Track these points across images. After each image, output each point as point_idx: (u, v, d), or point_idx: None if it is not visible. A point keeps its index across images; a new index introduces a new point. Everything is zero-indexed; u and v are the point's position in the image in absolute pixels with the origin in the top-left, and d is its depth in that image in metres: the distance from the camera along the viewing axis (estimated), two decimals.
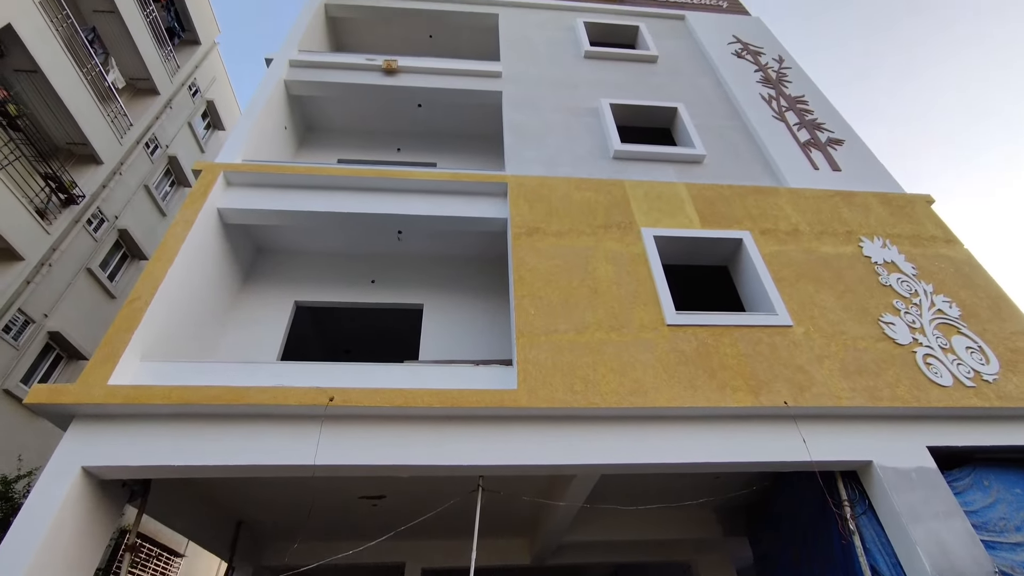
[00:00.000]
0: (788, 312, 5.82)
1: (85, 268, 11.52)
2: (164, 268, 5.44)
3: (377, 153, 9.45)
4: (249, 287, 7.21)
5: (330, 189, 6.72)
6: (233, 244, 6.88)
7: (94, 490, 4.36)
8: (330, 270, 7.43)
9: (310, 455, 4.39)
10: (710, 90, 9.38)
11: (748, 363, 5.33)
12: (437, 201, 6.71)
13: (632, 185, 7.00)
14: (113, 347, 4.80)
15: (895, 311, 5.97)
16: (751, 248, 6.43)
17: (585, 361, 5.07)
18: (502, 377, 5.03)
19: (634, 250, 6.18)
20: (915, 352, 5.63)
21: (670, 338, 5.42)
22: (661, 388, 4.98)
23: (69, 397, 4.40)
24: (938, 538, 4.57)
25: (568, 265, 5.89)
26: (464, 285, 7.29)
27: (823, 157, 7.97)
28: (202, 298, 6.20)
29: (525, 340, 5.16)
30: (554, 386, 4.83)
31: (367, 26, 11.21)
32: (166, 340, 5.44)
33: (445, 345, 6.63)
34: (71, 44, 11.20)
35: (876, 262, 6.44)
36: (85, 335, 11.11)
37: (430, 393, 4.65)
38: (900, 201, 7.30)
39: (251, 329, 6.73)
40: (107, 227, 12.25)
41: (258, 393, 4.56)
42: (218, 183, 6.48)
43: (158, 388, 4.56)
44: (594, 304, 5.56)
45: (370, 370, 5.04)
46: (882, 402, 5.17)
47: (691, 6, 11.85)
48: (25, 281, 10.01)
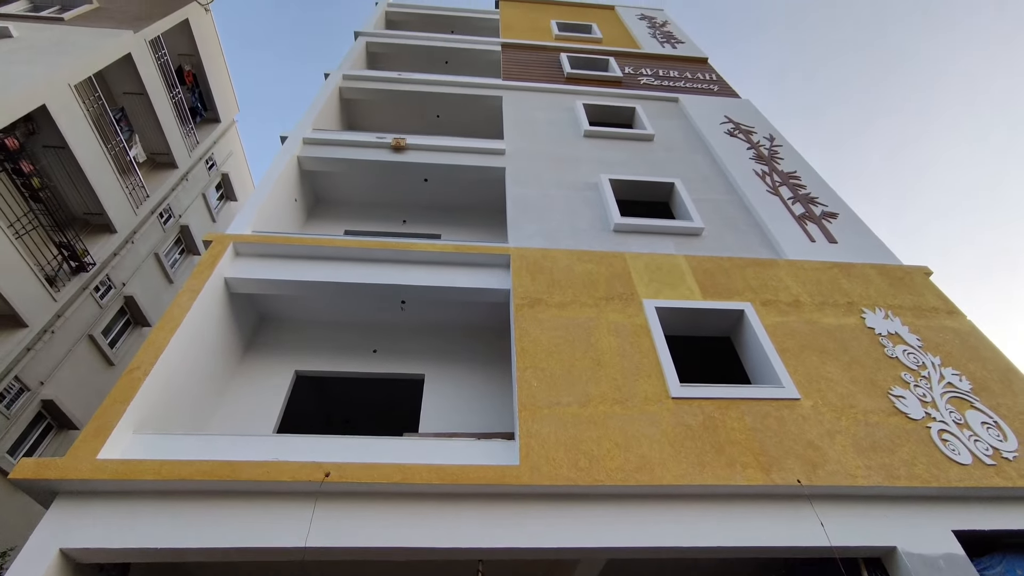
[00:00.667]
0: (795, 384, 5.72)
1: (87, 335, 11.53)
2: (167, 337, 5.44)
3: (383, 224, 9.73)
4: (250, 356, 7.18)
5: (336, 260, 6.86)
6: (237, 313, 6.92)
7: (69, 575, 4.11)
8: (332, 339, 7.43)
9: (301, 536, 4.17)
10: (705, 166, 9.78)
11: (757, 438, 5.18)
12: (441, 272, 6.82)
13: (633, 257, 7.14)
14: (106, 419, 4.70)
15: (904, 384, 5.87)
16: (753, 319, 6.44)
17: (589, 435, 4.93)
18: (504, 452, 4.88)
19: (636, 321, 6.19)
20: (929, 427, 5.47)
21: (675, 411, 5.30)
22: (668, 464, 4.81)
23: (56, 472, 4.26)
24: None
25: (570, 337, 5.88)
26: (466, 356, 7.25)
27: (819, 230, 8.16)
28: (202, 367, 6.15)
29: (527, 413, 5.05)
30: (557, 462, 4.67)
31: (378, 107, 11.92)
32: (163, 410, 5.34)
33: (446, 416, 6.49)
34: (99, 123, 11.89)
35: (880, 333, 6.41)
36: (79, 403, 10.93)
37: (429, 469, 4.48)
38: (898, 273, 7.39)
39: (249, 399, 6.63)
40: (114, 294, 12.40)
41: (252, 468, 4.41)
42: (227, 253, 6.63)
43: (149, 463, 4.42)
44: (597, 376, 5.49)
45: (368, 444, 4.90)
46: (900, 481, 4.96)
47: (684, 89, 12.63)
48: (26, 348, 9.99)
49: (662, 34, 16.22)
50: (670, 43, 15.55)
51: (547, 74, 12.72)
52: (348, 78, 11.51)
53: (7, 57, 10.64)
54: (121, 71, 12.88)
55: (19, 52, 10.88)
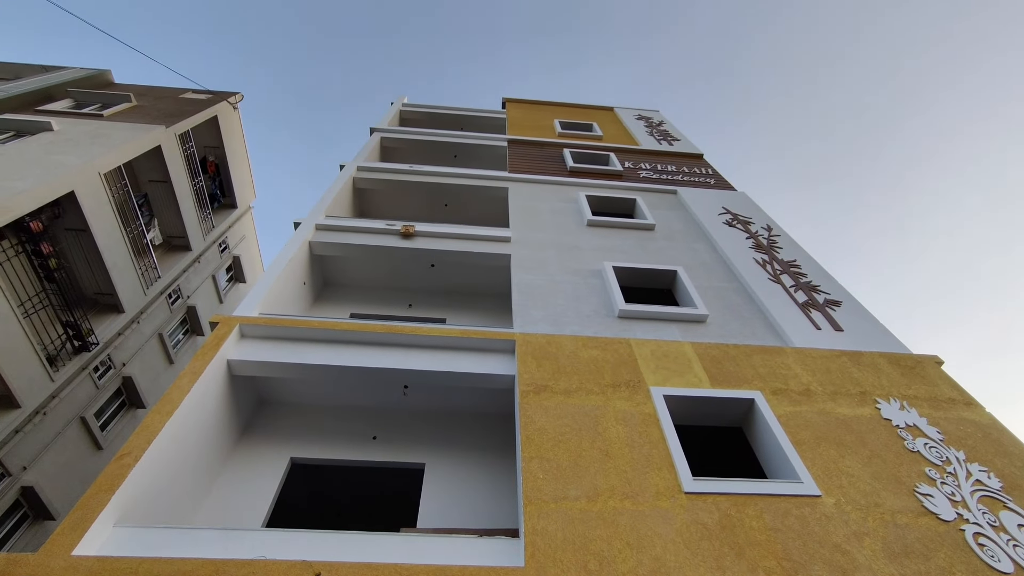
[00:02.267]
0: (813, 479, 5.44)
1: (79, 416, 11.24)
2: (163, 420, 5.29)
3: (389, 308, 9.82)
4: (245, 441, 6.93)
5: (341, 343, 6.84)
6: (236, 396, 6.79)
7: None
8: (331, 424, 7.21)
9: None
10: (706, 254, 10.02)
11: (779, 539, 4.83)
12: (445, 357, 6.76)
13: (638, 344, 7.10)
14: (87, 510, 4.45)
15: (930, 481, 5.57)
16: (764, 409, 6.26)
17: (599, 534, 4.61)
18: (508, 552, 4.53)
19: (645, 410, 6.02)
20: (963, 530, 5.11)
21: (689, 508, 5.00)
22: (684, 569, 4.44)
23: (26, 570, 3.95)
24: None
25: (577, 425, 5.70)
26: (469, 444, 6.99)
27: (823, 317, 8.18)
28: (195, 453, 5.92)
29: (533, 508, 4.76)
30: (565, 564, 4.33)
31: (389, 196, 12.49)
32: (150, 498, 5.06)
33: (446, 508, 6.11)
34: (122, 208, 12.44)
35: (898, 425, 6.20)
36: (60, 491, 10.40)
37: (428, 570, 4.14)
38: (909, 362, 7.29)
39: (241, 487, 6.30)
40: (112, 374, 12.25)
41: (237, 568, 4.09)
42: (232, 335, 6.63)
43: (127, 560, 4.10)
44: (606, 468, 5.24)
45: (363, 541, 4.57)
46: None
47: (682, 183, 13.26)
48: (14, 431, 9.70)
49: (659, 132, 17.34)
50: (667, 140, 16.58)
51: (551, 167, 13.44)
52: (362, 169, 12.18)
53: (45, 148, 11.37)
54: (149, 161, 13.70)
55: (57, 144, 11.65)
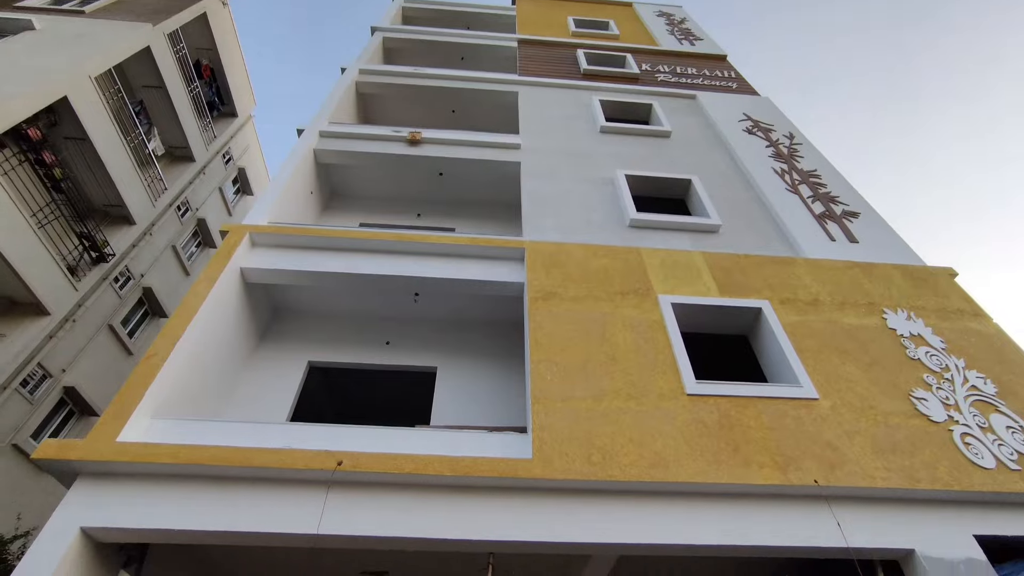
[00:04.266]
0: (813, 384, 5.62)
1: (107, 324, 11.73)
2: (184, 325, 5.50)
3: (398, 218, 9.75)
4: (264, 346, 7.24)
5: (351, 251, 6.88)
6: (252, 303, 6.98)
7: (90, 553, 4.18)
8: (345, 331, 7.46)
9: (313, 523, 4.19)
10: (723, 164, 9.66)
11: (774, 437, 5.10)
12: (455, 265, 6.81)
13: (648, 253, 7.06)
14: (125, 404, 4.77)
15: (927, 386, 5.74)
16: (771, 317, 6.34)
17: (603, 430, 4.89)
18: (516, 445, 4.85)
19: (652, 317, 6.12)
20: (952, 430, 5.34)
21: (691, 408, 5.24)
22: (683, 462, 4.75)
23: (77, 453, 4.32)
24: None
25: (585, 331, 5.84)
26: (479, 349, 7.24)
27: (839, 228, 8.01)
28: (217, 356, 6.21)
29: (541, 406, 5.02)
30: (571, 456, 4.64)
31: (393, 102, 11.94)
32: (179, 397, 5.40)
33: (458, 410, 6.48)
34: (119, 115, 12.08)
35: (902, 335, 6.28)
36: (99, 391, 11.13)
37: (441, 460, 4.48)
38: (922, 274, 7.23)
39: (263, 388, 6.68)
40: (132, 285, 12.59)
41: (265, 455, 4.44)
42: (243, 244, 6.68)
43: (166, 447, 4.47)
44: (612, 371, 5.44)
45: (380, 434, 4.91)
46: (920, 484, 4.85)
47: (702, 87, 12.48)
48: (48, 336, 10.19)
49: (680, 31, 16.05)
50: (688, 40, 15.38)
51: (564, 70, 12.64)
52: (364, 72, 11.55)
53: (30, 50, 10.84)
54: (140, 64, 13.06)
55: (41, 45, 11.08)
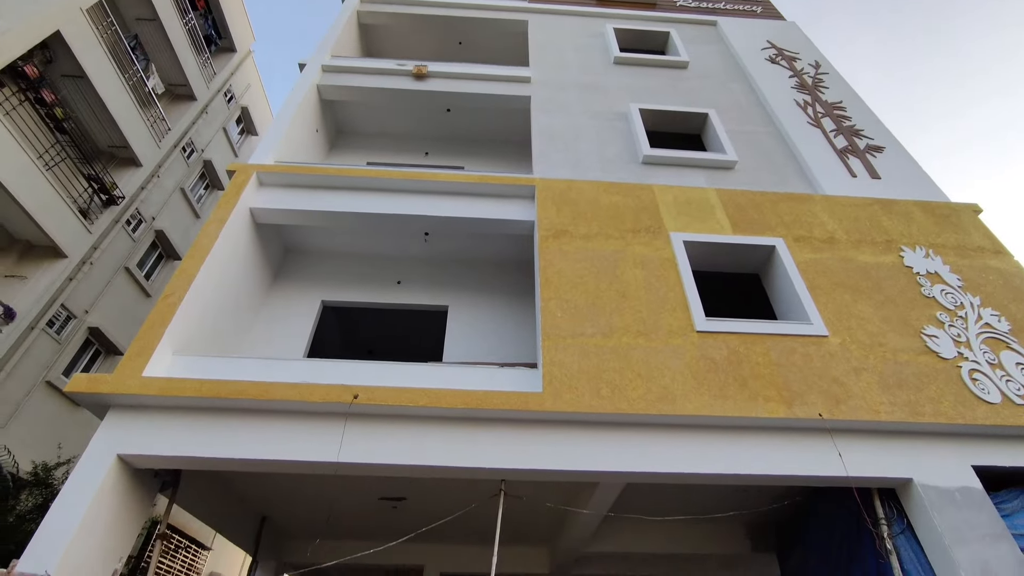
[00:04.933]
0: (823, 322, 5.62)
1: (123, 267, 11.92)
2: (197, 265, 5.56)
3: (405, 157, 9.55)
4: (278, 286, 7.34)
5: (359, 190, 6.81)
6: (263, 244, 7.01)
7: (128, 478, 4.46)
8: (357, 271, 7.51)
9: (333, 452, 4.41)
10: (742, 96, 9.21)
11: (781, 373, 5.17)
12: (464, 203, 6.72)
13: (661, 190, 6.90)
14: (147, 341, 4.92)
15: (939, 324, 5.72)
16: (784, 255, 6.25)
17: (612, 366, 4.98)
18: (527, 380, 4.98)
19: (663, 255, 6.07)
20: (960, 367, 5.37)
21: (700, 345, 5.29)
22: (690, 396, 4.86)
23: (106, 387, 4.52)
24: (983, 561, 4.32)
25: (596, 268, 5.82)
26: (490, 288, 7.28)
27: (861, 164, 7.72)
28: (232, 296, 6.32)
29: (551, 343, 5.10)
30: (580, 390, 4.76)
31: (398, 34, 11.38)
32: (198, 336, 5.55)
33: (469, 348, 6.61)
34: (115, 51, 11.67)
35: (918, 273, 6.18)
36: (122, 331, 11.48)
37: (454, 394, 4.62)
38: (944, 210, 7.01)
39: (278, 327, 6.84)
40: (144, 228, 12.67)
41: (284, 389, 4.61)
42: (251, 184, 6.62)
43: (190, 381, 4.65)
44: (622, 308, 5.47)
45: (395, 369, 5.05)
46: (924, 418, 4.94)
47: (723, 11, 11.70)
48: (68, 278, 10.40)
49: None
50: None
51: None
52: (367, 1, 10.95)
53: None
54: None
55: None
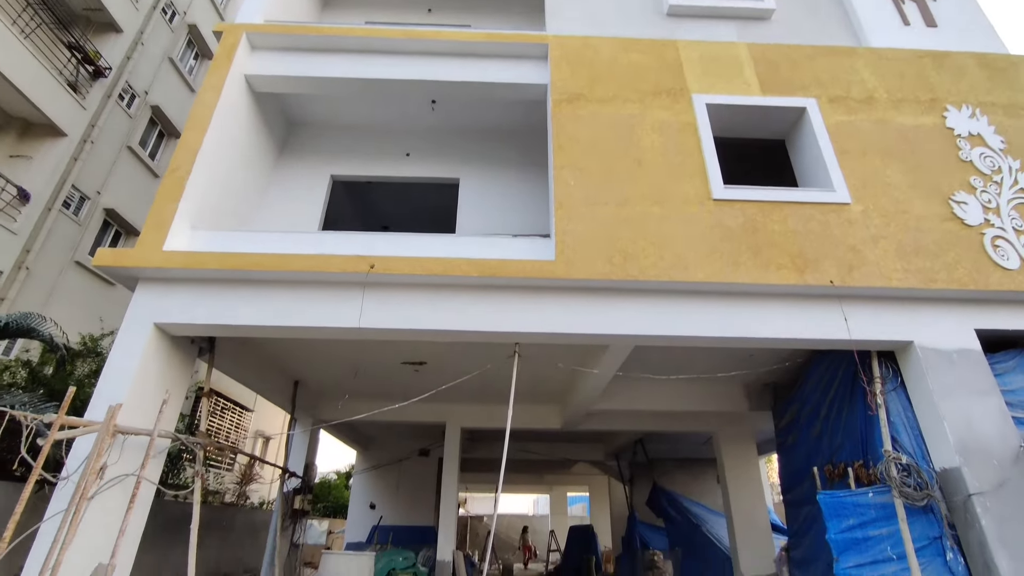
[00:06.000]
0: (848, 189, 5.42)
1: (126, 146, 11.65)
2: (199, 136, 5.38)
3: (406, 15, 8.67)
4: (285, 161, 7.16)
5: (359, 52, 6.29)
6: (265, 115, 6.70)
7: (167, 345, 4.78)
8: (364, 143, 7.24)
9: (355, 318, 4.61)
10: None
11: (796, 241, 5.11)
12: (472, 65, 6.22)
13: (686, 46, 6.28)
14: (163, 215, 4.94)
15: (971, 189, 5.48)
16: (815, 118, 5.84)
17: (625, 234, 4.95)
18: (540, 249, 5.00)
19: (684, 119, 5.71)
20: (984, 234, 5.24)
21: (715, 213, 5.19)
22: (702, 263, 4.88)
23: (131, 260, 4.65)
24: (967, 414, 4.61)
25: (612, 134, 5.53)
26: (501, 158, 7.02)
27: (917, 9, 6.86)
28: (240, 170, 6.21)
29: (564, 212, 5.03)
30: (592, 258, 4.79)
31: None
32: (210, 211, 5.55)
33: (482, 220, 6.56)
34: None
35: (959, 134, 5.78)
36: (138, 213, 11.57)
37: (468, 263, 4.69)
38: (1002, 63, 6.35)
39: (290, 203, 6.80)
40: (139, 103, 12.14)
41: (302, 261, 4.70)
42: (242, 46, 6.14)
43: (210, 254, 4.75)
44: (637, 176, 5.29)
45: (410, 240, 5.08)
46: (936, 284, 4.95)
47: None
48: (73, 158, 10.24)
49: None
50: None
51: None
52: None
53: None
54: None
55: None
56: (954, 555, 4.27)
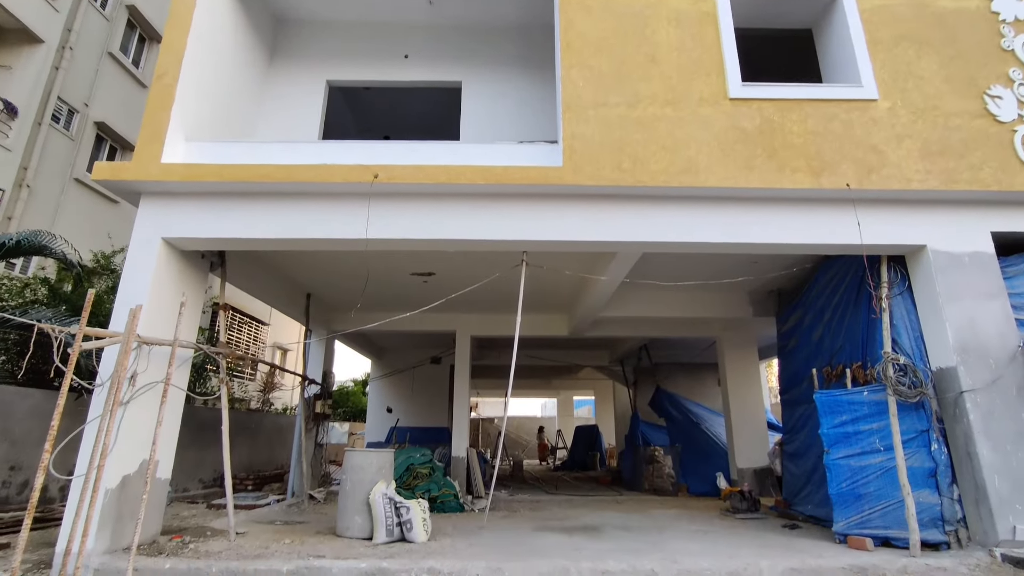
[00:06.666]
0: (876, 83, 5.08)
1: (107, 52, 11.01)
2: (182, 36, 5.05)
3: None
4: (278, 66, 6.75)
5: None
6: (248, 13, 6.21)
7: (178, 259, 4.82)
8: (360, 44, 6.77)
9: (361, 229, 4.59)
10: None
11: (815, 142, 4.89)
12: None
13: None
14: (156, 126, 4.77)
15: (1008, 82, 5.12)
16: (847, 1, 5.34)
17: (636, 138, 4.75)
18: (547, 154, 4.84)
19: (702, 7, 5.24)
20: (1016, 131, 4.98)
21: (731, 114, 4.92)
22: (714, 168, 4.72)
23: (129, 173, 4.57)
24: (971, 316, 4.67)
25: (623, 28, 5.12)
26: (506, 59, 6.57)
27: None
28: (231, 76, 5.88)
29: (572, 115, 4.80)
30: (601, 163, 4.64)
31: None
32: (204, 121, 5.34)
33: (486, 126, 6.29)
34: None
35: (1005, 20, 5.30)
36: (130, 126, 11.20)
37: (473, 170, 4.56)
38: None
39: (286, 113, 6.52)
40: (114, 3, 11.29)
41: (304, 171, 4.60)
42: None
43: (209, 166, 4.65)
44: (650, 74, 4.96)
45: (413, 148, 4.92)
46: (958, 185, 4.79)
47: None
48: (54, 67, 9.74)
49: None
50: None
51: None
52: None
53: None
54: None
55: None
56: (939, 446, 4.53)
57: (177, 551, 4.07)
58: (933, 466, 4.49)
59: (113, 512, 3.97)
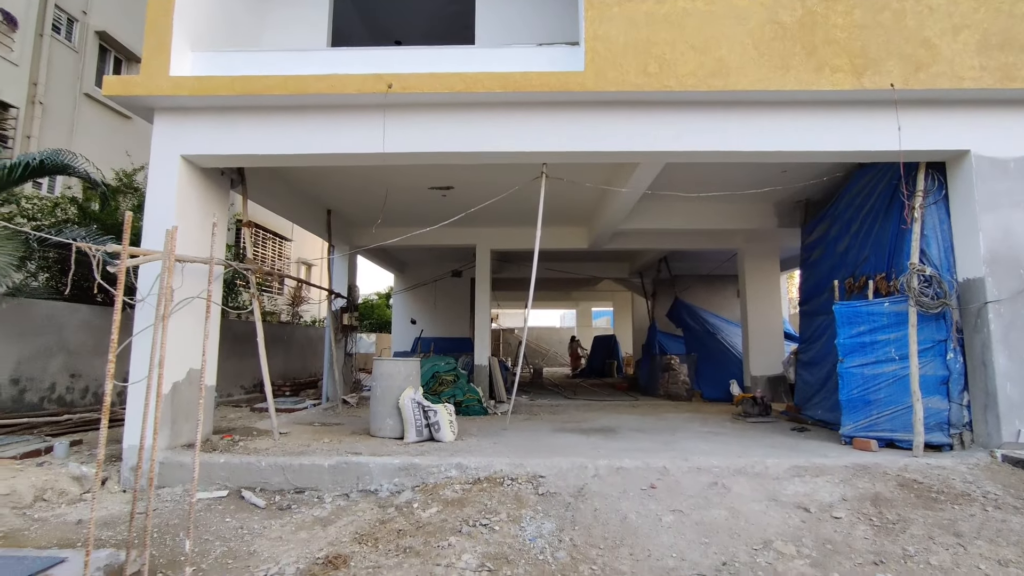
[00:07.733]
0: None
1: None
2: None
3: None
4: None
5: None
6: None
7: (199, 176, 4.85)
8: None
9: (378, 143, 4.50)
10: None
11: (860, 36, 4.47)
12: None
13: None
14: (160, 34, 4.57)
15: None
16: None
17: (663, 37, 4.41)
18: (567, 58, 4.55)
19: None
20: None
21: (770, 6, 4.49)
22: (747, 68, 4.39)
23: (139, 87, 4.48)
24: (1007, 225, 4.51)
25: None
26: None
27: None
28: None
29: (595, 12, 4.43)
30: (625, 67, 4.36)
31: None
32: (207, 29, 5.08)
33: (503, 28, 5.86)
34: None
35: None
36: (133, 35, 10.77)
37: (491, 76, 4.34)
38: None
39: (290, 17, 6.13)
40: None
41: (316, 82, 4.43)
42: None
43: (220, 78, 4.51)
44: None
45: (427, 54, 4.67)
46: (1015, 83, 4.40)
47: None
48: None
49: None
50: None
51: None
52: None
53: None
54: None
55: None
56: (955, 355, 4.58)
57: (229, 448, 4.52)
58: (946, 374, 4.57)
59: (168, 415, 4.37)
